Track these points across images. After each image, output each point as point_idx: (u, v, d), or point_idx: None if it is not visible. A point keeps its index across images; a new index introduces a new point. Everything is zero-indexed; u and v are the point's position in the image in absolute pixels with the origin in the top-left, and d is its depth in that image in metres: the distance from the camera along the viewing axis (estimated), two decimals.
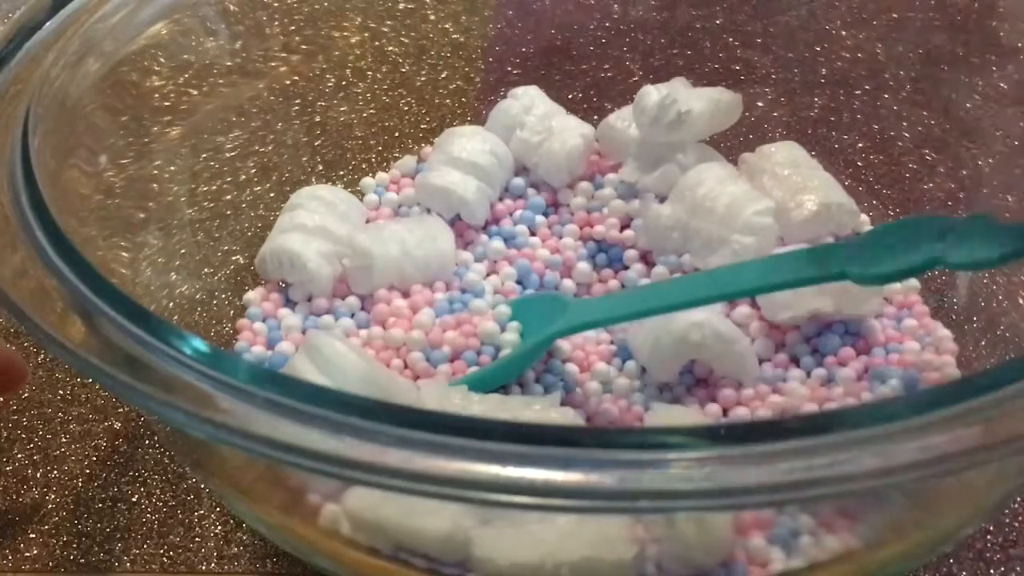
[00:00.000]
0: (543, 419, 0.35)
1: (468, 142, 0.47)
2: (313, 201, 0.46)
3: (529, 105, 0.49)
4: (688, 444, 0.26)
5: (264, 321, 0.45)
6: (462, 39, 0.54)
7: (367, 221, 0.48)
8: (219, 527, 0.40)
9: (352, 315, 0.45)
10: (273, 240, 0.45)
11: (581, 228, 0.48)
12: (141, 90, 0.44)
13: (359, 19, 0.52)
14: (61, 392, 0.45)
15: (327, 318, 0.44)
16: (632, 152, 0.47)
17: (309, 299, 0.45)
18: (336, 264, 0.45)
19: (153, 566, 0.39)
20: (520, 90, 0.49)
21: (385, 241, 0.44)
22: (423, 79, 0.53)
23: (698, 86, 0.48)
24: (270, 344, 0.44)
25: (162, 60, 0.45)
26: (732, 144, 0.50)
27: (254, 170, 0.48)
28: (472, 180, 0.47)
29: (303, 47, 0.50)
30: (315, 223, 0.45)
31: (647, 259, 0.46)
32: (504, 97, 0.49)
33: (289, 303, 0.45)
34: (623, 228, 0.47)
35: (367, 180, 0.50)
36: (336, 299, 0.45)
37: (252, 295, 0.46)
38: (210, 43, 0.47)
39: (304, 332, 0.44)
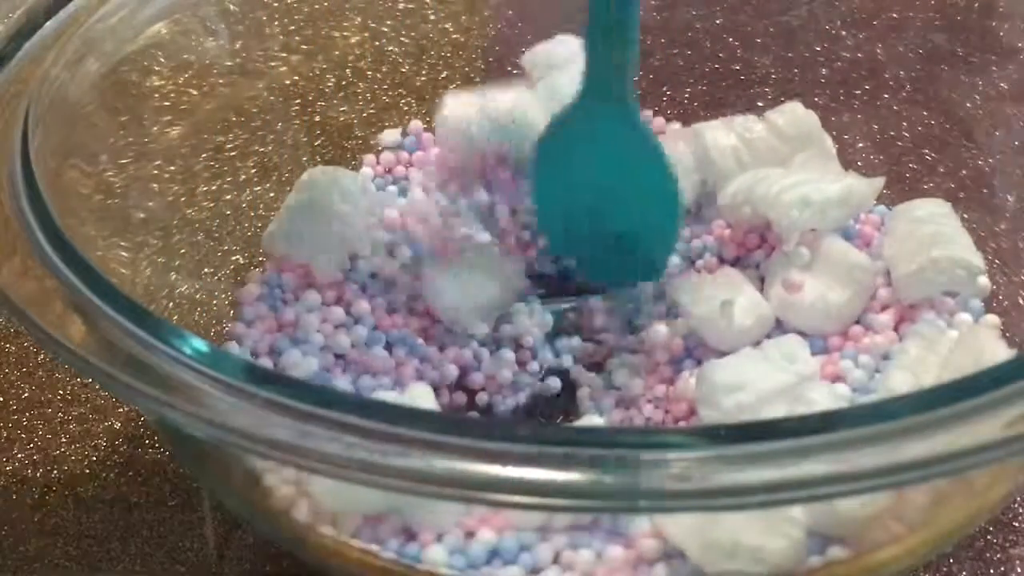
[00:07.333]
0: None
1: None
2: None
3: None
4: (688, 444, 0.26)
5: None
6: (462, 39, 0.54)
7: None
8: (219, 527, 0.40)
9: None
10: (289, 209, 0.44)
11: None
12: (141, 90, 0.44)
13: (359, 19, 0.52)
14: (61, 392, 0.45)
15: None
16: None
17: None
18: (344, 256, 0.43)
19: (153, 566, 0.39)
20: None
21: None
22: (423, 79, 0.53)
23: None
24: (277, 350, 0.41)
25: (162, 60, 0.45)
26: None
27: (254, 170, 0.48)
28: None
29: (303, 47, 0.50)
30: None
31: None
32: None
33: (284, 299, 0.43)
34: None
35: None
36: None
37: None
38: (210, 43, 0.47)
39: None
